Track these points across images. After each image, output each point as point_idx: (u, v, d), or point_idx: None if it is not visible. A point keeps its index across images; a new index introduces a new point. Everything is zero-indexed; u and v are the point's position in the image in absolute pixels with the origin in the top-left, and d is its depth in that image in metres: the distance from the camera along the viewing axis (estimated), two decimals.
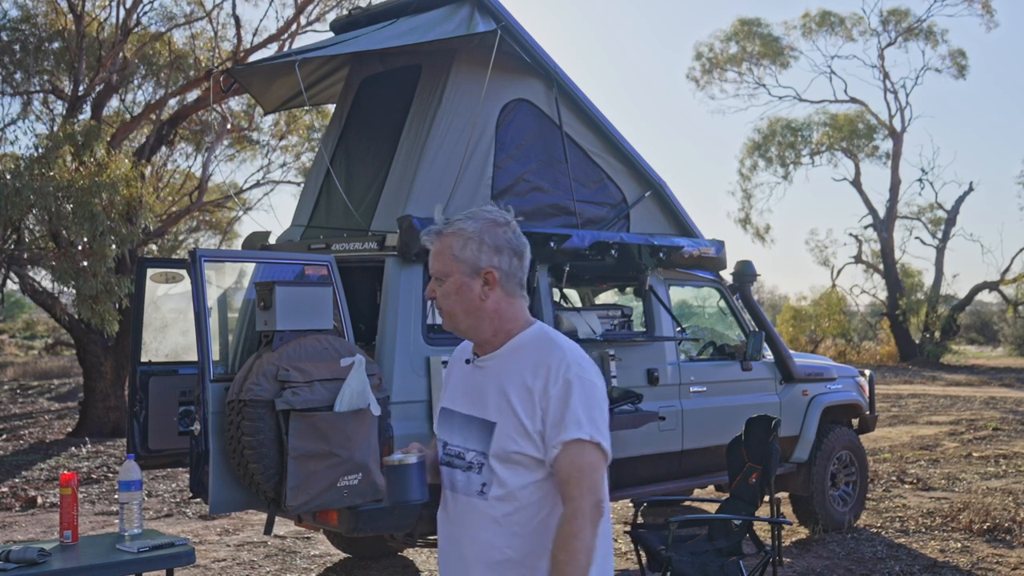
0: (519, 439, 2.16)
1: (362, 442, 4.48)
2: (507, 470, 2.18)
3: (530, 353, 2.22)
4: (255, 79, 6.45)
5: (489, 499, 2.20)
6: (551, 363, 2.18)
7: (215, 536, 7.36)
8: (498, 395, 2.21)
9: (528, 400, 2.17)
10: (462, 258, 2.22)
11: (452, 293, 2.24)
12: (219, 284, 5.66)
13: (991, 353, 32.11)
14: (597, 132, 6.28)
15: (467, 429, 2.27)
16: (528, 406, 2.16)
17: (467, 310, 2.24)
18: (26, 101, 15.73)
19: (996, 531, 7.17)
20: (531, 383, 2.17)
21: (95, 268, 10.34)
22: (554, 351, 2.21)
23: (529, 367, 2.19)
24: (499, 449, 2.18)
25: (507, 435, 2.18)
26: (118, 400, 13.05)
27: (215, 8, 15.29)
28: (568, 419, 2.13)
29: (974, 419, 14.11)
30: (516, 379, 2.20)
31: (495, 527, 2.19)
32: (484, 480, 2.21)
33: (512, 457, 2.17)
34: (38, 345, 30.16)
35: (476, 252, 2.22)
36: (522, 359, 2.22)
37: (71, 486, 3.95)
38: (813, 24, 28.99)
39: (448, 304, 2.25)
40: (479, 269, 2.22)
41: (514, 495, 2.18)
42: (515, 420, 2.17)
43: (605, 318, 6.25)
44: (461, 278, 2.23)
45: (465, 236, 2.23)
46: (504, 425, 2.18)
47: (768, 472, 5.16)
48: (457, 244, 2.23)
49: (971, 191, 29.00)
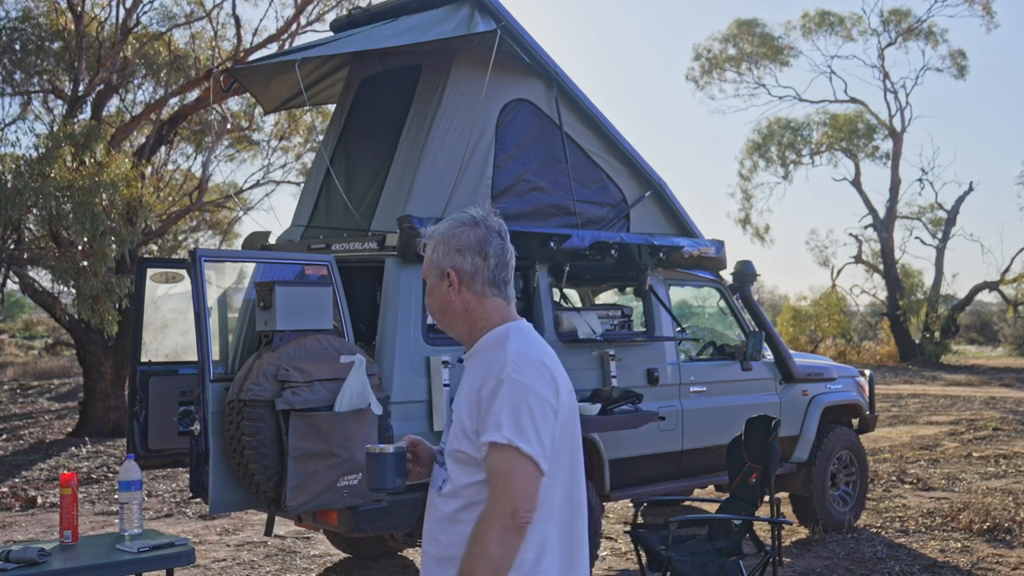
0: (461, 437, 2.21)
1: (362, 442, 4.48)
2: (455, 467, 2.22)
3: (484, 353, 2.27)
4: (255, 79, 6.45)
5: (443, 495, 2.25)
6: (491, 362, 2.21)
7: (215, 536, 7.36)
8: (459, 393, 2.29)
9: (471, 399, 2.21)
10: (432, 260, 2.32)
11: (428, 295, 2.36)
12: (219, 284, 5.66)
13: (991, 353, 32.11)
14: (597, 132, 6.28)
15: (447, 426, 2.35)
16: (470, 405, 2.20)
17: (440, 310, 2.34)
18: (26, 101, 15.73)
19: (996, 531, 7.17)
20: (476, 382, 2.21)
21: (95, 268, 10.35)
22: (497, 351, 2.22)
23: (480, 367, 2.24)
24: (449, 447, 2.26)
25: (454, 433, 2.24)
26: (118, 400, 13.05)
27: (215, 8, 15.29)
28: (490, 421, 2.13)
29: (974, 419, 14.11)
30: (469, 379, 2.26)
31: (444, 523, 2.23)
32: (444, 476, 2.27)
33: (456, 455, 2.22)
34: (38, 345, 30.17)
35: (441, 254, 2.30)
36: (480, 358, 2.27)
37: (71, 486, 3.95)
38: (813, 24, 29.00)
39: (428, 304, 2.37)
40: (443, 270, 2.30)
41: (459, 493, 2.21)
42: (459, 418, 2.23)
43: (605, 318, 6.25)
44: (432, 280, 2.33)
45: (434, 240, 2.33)
46: (456, 423, 2.24)
47: (768, 472, 5.16)
48: (429, 248, 2.34)
49: (971, 191, 29.04)
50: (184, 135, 17.01)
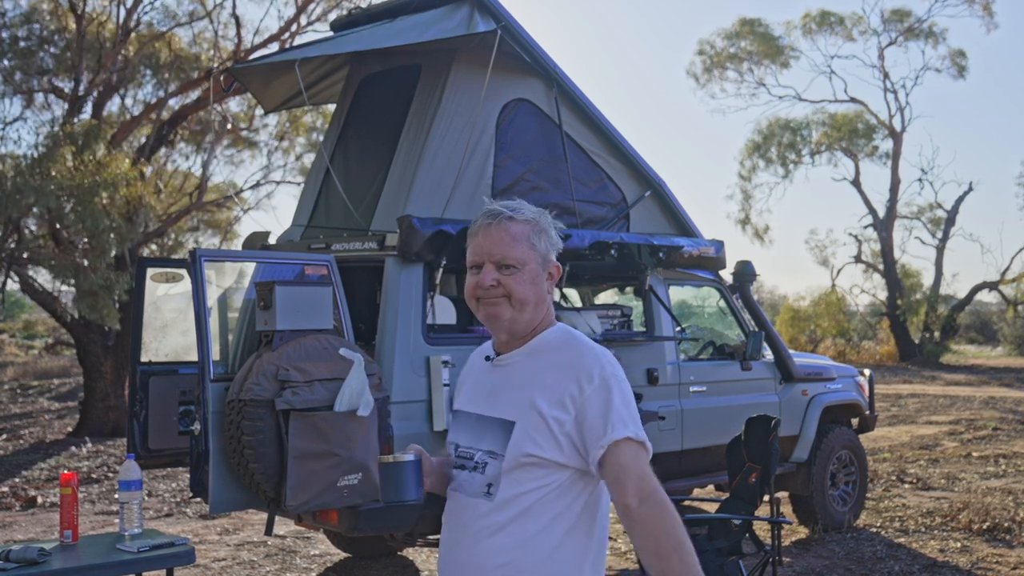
0: (543, 441, 2.09)
1: (362, 442, 4.49)
2: (521, 472, 2.10)
3: (557, 354, 2.16)
4: (255, 78, 6.46)
5: (495, 500, 2.12)
6: (584, 364, 2.12)
7: (215, 536, 7.36)
8: (519, 394, 2.15)
9: (558, 402, 2.10)
10: (538, 248, 2.18)
11: (529, 282, 2.16)
12: (219, 284, 5.66)
13: (991, 353, 32.11)
14: (597, 132, 6.28)
15: (479, 429, 2.20)
16: (557, 408, 2.09)
17: (537, 301, 2.18)
18: (26, 100, 15.73)
19: (996, 531, 7.18)
20: (562, 385, 2.10)
21: (94, 264, 10.35)
22: (585, 352, 2.15)
23: (558, 368, 2.13)
24: (518, 450, 2.11)
25: (528, 436, 2.10)
26: (118, 400, 13.05)
27: (216, 7, 15.29)
28: (614, 419, 2.07)
29: (974, 419, 14.11)
30: (543, 379, 2.13)
31: (497, 530, 2.11)
32: (489, 480, 2.13)
33: (528, 459, 2.10)
34: (38, 345, 30.16)
35: (547, 245, 2.19)
36: (547, 359, 2.16)
37: (71, 486, 3.95)
38: (813, 24, 29.00)
39: (523, 292, 2.16)
40: (549, 262, 2.20)
41: (523, 497, 2.10)
42: (540, 421, 2.10)
43: (605, 318, 6.25)
44: (536, 268, 2.17)
45: (539, 227, 2.19)
46: (524, 425, 2.11)
47: (768, 472, 5.17)
48: (533, 233, 2.18)
49: (971, 191, 29.04)
50: (184, 135, 17.01)
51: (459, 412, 2.30)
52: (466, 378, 2.38)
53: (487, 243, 2.17)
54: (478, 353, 2.38)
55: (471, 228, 2.24)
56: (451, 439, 2.29)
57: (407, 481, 2.15)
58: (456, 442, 2.26)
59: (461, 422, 2.28)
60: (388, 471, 2.17)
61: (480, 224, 2.20)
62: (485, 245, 2.18)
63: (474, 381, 2.32)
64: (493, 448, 2.15)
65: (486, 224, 2.18)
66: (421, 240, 5.12)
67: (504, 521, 2.11)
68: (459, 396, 2.36)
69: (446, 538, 2.25)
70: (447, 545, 2.24)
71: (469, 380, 2.35)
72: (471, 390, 2.31)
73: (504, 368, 2.23)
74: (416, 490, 2.17)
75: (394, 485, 2.16)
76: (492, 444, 2.16)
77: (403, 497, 2.16)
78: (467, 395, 2.32)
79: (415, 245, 5.11)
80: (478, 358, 2.36)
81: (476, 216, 2.24)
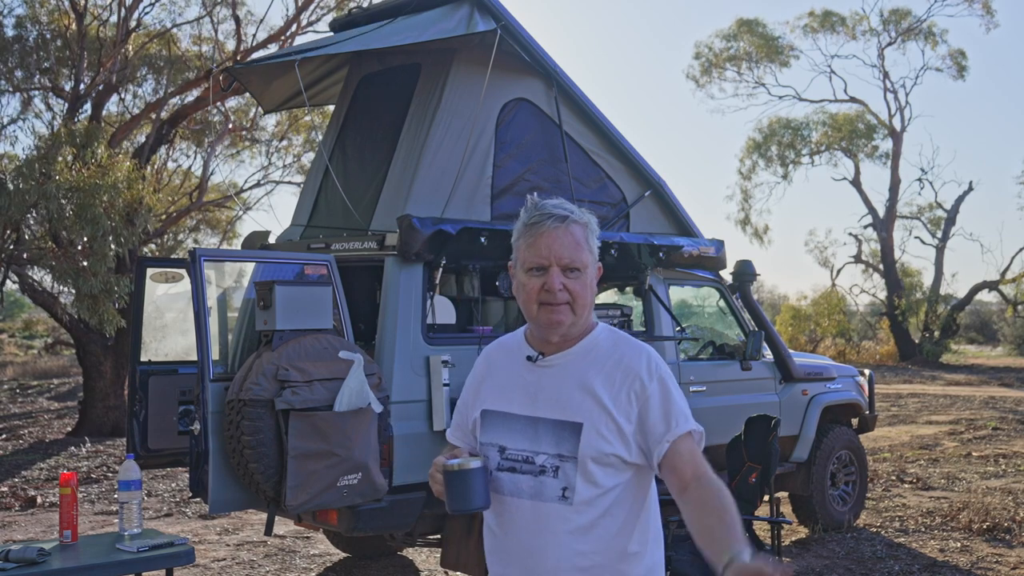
0: (613, 440, 2.09)
1: (362, 441, 4.48)
2: (600, 472, 2.10)
3: (610, 352, 2.16)
4: (255, 78, 6.45)
5: (575, 504, 2.09)
6: (641, 363, 2.14)
7: (215, 536, 7.36)
8: (581, 394, 2.12)
9: (621, 400, 2.11)
10: (594, 251, 2.16)
11: (589, 286, 2.15)
12: (219, 284, 5.66)
13: (991, 353, 32.12)
14: (597, 131, 6.28)
15: (535, 431, 2.14)
16: (623, 407, 2.10)
17: (591, 304, 2.17)
18: (26, 100, 15.73)
19: (996, 530, 7.18)
20: (622, 382, 2.12)
21: (95, 268, 10.34)
22: (639, 351, 2.17)
23: (616, 368, 2.14)
24: (593, 451, 2.09)
25: (600, 436, 2.09)
26: (118, 400, 13.05)
27: (216, 6, 15.28)
28: (677, 415, 2.12)
29: (974, 418, 14.11)
30: (601, 378, 2.13)
31: (580, 532, 2.09)
32: (564, 484, 2.09)
33: (605, 459, 2.09)
34: (38, 345, 30.18)
35: (594, 244, 2.17)
36: (601, 358, 2.16)
37: (71, 486, 3.95)
38: (814, 23, 29.00)
39: (586, 297, 2.14)
40: (597, 263, 2.18)
41: (602, 498, 2.10)
42: (608, 420, 2.10)
43: (605, 318, 6.25)
44: (593, 271, 2.16)
45: (592, 229, 2.17)
46: (595, 426, 2.10)
47: (768, 471, 5.17)
48: (591, 235, 2.16)
49: (971, 191, 29.08)
50: (184, 134, 17.01)
51: (496, 413, 2.21)
52: (488, 376, 2.28)
53: (555, 246, 2.11)
54: (499, 350, 2.31)
55: (525, 224, 2.16)
56: (489, 440, 2.20)
57: (476, 488, 2.09)
58: (500, 444, 2.18)
59: (503, 423, 2.19)
60: (455, 479, 2.09)
61: (543, 224, 2.12)
62: (554, 248, 2.11)
63: (504, 381, 2.23)
64: (562, 451, 2.11)
65: (552, 226, 2.11)
66: (421, 240, 5.12)
67: (586, 524, 2.10)
68: (482, 395, 2.26)
69: (507, 546, 2.18)
70: (508, 554, 2.18)
71: (495, 379, 2.26)
72: (502, 390, 2.23)
73: (551, 369, 2.18)
74: (486, 497, 2.11)
75: (462, 493, 2.09)
76: (559, 447, 2.11)
77: (472, 506, 2.10)
78: (499, 395, 2.22)
79: (415, 245, 5.10)
80: (503, 356, 2.28)
81: (526, 212, 2.17)
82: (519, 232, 2.17)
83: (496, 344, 2.34)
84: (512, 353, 2.25)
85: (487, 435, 2.20)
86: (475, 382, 2.31)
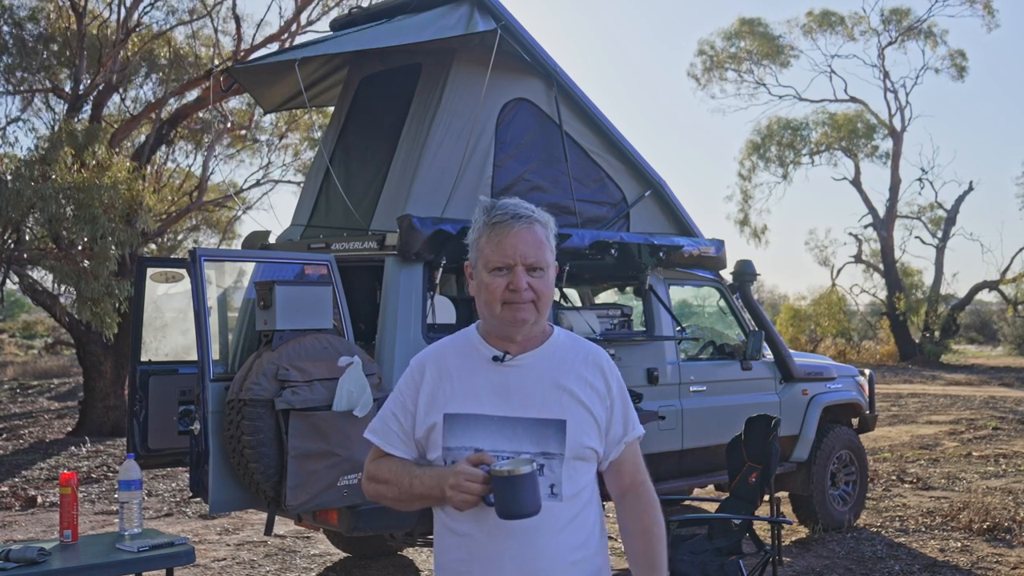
0: (592, 435, 2.16)
1: (362, 441, 4.47)
2: (582, 466, 2.16)
3: (574, 351, 2.21)
4: (255, 78, 6.45)
5: (564, 499, 2.12)
6: (601, 362, 2.21)
7: (215, 535, 7.36)
8: (557, 393, 2.14)
9: (595, 397, 2.18)
10: (552, 249, 2.17)
11: (551, 285, 2.16)
12: (219, 284, 5.66)
13: (991, 352, 32.11)
14: (597, 131, 6.28)
15: (514, 431, 2.11)
16: (598, 403, 2.18)
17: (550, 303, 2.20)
18: (26, 100, 15.72)
19: (996, 530, 7.17)
20: (592, 380, 2.18)
21: (96, 271, 10.34)
22: (598, 352, 2.24)
23: (581, 364, 2.19)
24: (578, 446, 2.13)
25: (583, 431, 2.14)
26: (118, 399, 13.05)
27: (216, 6, 15.28)
28: (632, 418, 2.23)
29: (974, 418, 14.11)
30: (573, 375, 2.17)
31: (570, 526, 2.14)
32: (552, 481, 2.11)
33: (586, 453, 2.16)
34: (38, 345, 30.17)
35: (554, 244, 2.19)
36: (568, 357, 2.19)
37: (71, 485, 3.95)
38: (814, 23, 28.99)
39: (548, 296, 2.16)
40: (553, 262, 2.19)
41: (583, 492, 2.17)
42: (588, 416, 2.16)
43: (605, 318, 6.25)
44: (552, 270, 2.18)
45: (551, 228, 2.18)
46: (578, 422, 2.14)
47: (768, 471, 5.16)
48: (551, 235, 2.18)
49: (971, 190, 29.05)
50: (184, 134, 17.01)
51: (465, 416, 2.13)
52: (443, 380, 2.18)
53: (520, 245, 2.11)
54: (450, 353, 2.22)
55: (487, 224, 2.13)
56: (460, 444, 2.12)
57: (528, 493, 2.01)
58: (475, 447, 2.10)
59: (475, 426, 2.12)
60: (506, 484, 2.00)
61: (505, 224, 2.11)
62: (518, 247, 2.10)
63: (468, 383, 2.16)
64: (545, 449, 2.11)
65: (515, 226, 2.11)
66: (421, 240, 5.12)
67: (570, 518, 2.15)
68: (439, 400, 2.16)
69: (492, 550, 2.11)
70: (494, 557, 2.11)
71: (453, 383, 2.17)
72: (466, 392, 2.15)
73: (519, 369, 2.16)
74: (537, 501, 2.04)
75: (514, 498, 2.01)
76: (541, 445, 2.11)
77: (525, 511, 2.02)
78: (463, 398, 2.15)
79: (415, 245, 5.10)
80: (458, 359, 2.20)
81: (487, 212, 2.15)
82: (480, 232, 2.16)
83: (438, 348, 2.25)
84: (468, 355, 2.19)
85: (456, 439, 2.13)
86: (426, 387, 2.19)
